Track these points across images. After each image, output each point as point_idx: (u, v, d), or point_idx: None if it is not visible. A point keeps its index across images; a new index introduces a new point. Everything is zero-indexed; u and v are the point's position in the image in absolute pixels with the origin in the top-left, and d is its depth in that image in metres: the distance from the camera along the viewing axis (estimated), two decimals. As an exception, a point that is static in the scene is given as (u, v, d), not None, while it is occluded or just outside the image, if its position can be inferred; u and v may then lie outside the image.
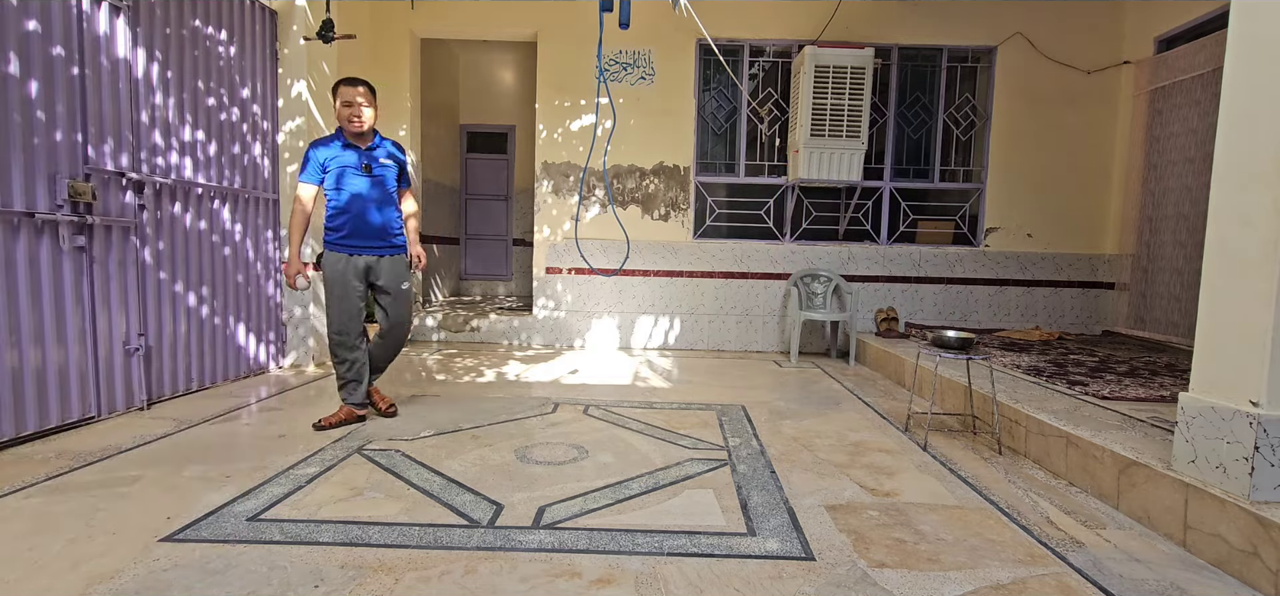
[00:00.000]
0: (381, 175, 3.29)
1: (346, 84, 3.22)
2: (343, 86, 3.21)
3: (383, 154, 3.32)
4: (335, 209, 3.21)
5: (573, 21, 5.95)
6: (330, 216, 3.22)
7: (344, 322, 3.25)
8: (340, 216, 3.21)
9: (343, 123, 3.21)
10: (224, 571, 1.86)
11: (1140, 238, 5.75)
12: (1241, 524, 2.00)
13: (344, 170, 3.19)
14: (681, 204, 6.11)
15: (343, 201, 3.20)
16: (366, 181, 3.23)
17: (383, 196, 3.29)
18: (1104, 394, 3.43)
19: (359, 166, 3.21)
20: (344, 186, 3.20)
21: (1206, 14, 5.07)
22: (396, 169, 3.36)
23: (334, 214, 3.22)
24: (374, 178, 3.26)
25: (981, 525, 2.32)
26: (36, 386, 2.94)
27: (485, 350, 5.77)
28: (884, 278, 6.13)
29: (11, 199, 2.82)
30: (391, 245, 3.34)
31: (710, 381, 4.69)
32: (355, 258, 3.23)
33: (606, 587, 1.83)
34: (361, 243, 3.24)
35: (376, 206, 3.26)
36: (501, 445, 3.07)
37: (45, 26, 2.96)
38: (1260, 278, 2.04)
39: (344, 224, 3.21)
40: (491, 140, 8.58)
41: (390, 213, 3.33)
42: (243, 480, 2.55)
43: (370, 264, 3.28)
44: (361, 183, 3.22)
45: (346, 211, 3.20)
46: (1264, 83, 2.07)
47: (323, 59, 4.86)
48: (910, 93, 6.13)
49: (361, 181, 3.22)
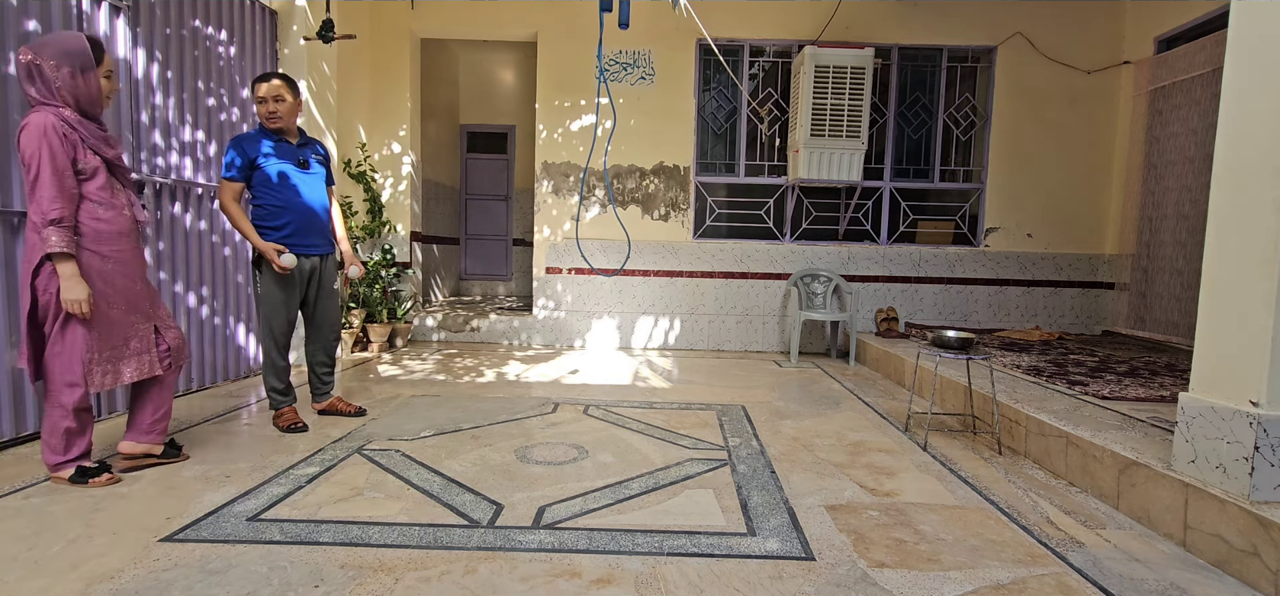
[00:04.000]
0: (318, 173, 3.27)
1: (262, 80, 3.08)
2: (258, 83, 3.09)
3: (314, 153, 3.29)
4: (275, 207, 3.10)
5: (573, 21, 5.95)
6: (269, 216, 3.11)
7: (283, 324, 3.20)
8: (283, 214, 3.11)
9: (264, 120, 3.10)
10: (224, 571, 1.86)
11: (1140, 238, 5.75)
12: (1241, 524, 2.00)
13: (283, 169, 3.11)
14: (681, 204, 6.11)
15: (284, 200, 3.11)
16: (307, 179, 3.19)
17: (322, 195, 3.28)
18: (1104, 394, 3.43)
19: (297, 164, 3.16)
20: (285, 185, 3.12)
21: (1206, 14, 5.07)
22: (326, 170, 3.35)
23: (274, 212, 3.11)
24: (312, 174, 3.23)
25: (981, 525, 2.32)
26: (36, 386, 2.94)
27: (485, 350, 5.77)
28: (884, 278, 6.13)
29: (11, 199, 2.82)
30: (330, 244, 3.35)
31: (710, 381, 4.69)
32: (301, 259, 3.18)
33: (606, 587, 1.83)
34: (307, 242, 3.19)
35: (318, 205, 3.24)
36: (501, 445, 3.07)
37: (45, 26, 2.96)
38: (1260, 278, 2.04)
39: (288, 223, 3.12)
40: (491, 140, 8.58)
41: (326, 211, 3.31)
42: (243, 480, 2.55)
43: (314, 264, 3.26)
44: (302, 180, 3.17)
45: (290, 210, 3.12)
46: (1264, 83, 2.07)
47: (323, 59, 4.86)
48: (910, 93, 6.13)
49: (302, 178, 3.17)
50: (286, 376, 3.29)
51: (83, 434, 2.46)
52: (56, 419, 2.39)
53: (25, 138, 2.24)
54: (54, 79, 2.27)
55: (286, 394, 3.29)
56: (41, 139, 2.22)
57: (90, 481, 2.43)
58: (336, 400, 3.49)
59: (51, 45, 2.29)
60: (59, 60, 2.27)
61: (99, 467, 2.48)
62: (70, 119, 2.30)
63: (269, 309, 3.17)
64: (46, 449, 2.43)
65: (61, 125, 2.27)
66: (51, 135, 2.23)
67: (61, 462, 2.43)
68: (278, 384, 3.26)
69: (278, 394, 3.27)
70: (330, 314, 3.40)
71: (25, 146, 2.24)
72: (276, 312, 3.18)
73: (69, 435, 2.42)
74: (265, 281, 3.15)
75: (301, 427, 3.20)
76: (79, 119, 2.34)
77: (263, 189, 3.11)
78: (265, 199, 3.11)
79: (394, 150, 6.13)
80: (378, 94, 6.05)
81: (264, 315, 3.19)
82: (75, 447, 2.44)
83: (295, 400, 3.35)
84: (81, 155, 2.32)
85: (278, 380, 3.26)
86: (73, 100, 2.32)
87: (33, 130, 2.23)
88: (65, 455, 2.42)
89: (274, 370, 3.25)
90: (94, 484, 2.43)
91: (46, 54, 2.27)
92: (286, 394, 3.29)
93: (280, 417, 3.24)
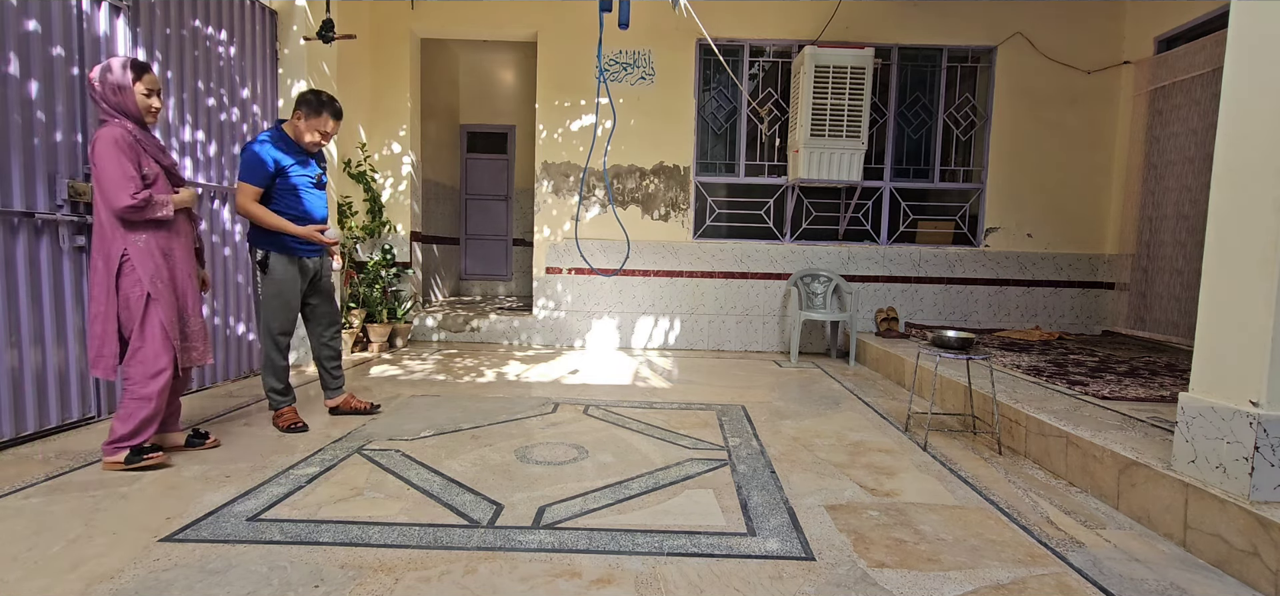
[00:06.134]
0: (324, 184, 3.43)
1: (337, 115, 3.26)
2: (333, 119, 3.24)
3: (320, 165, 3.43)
4: (294, 216, 3.19)
5: (573, 21, 5.95)
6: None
7: (286, 325, 3.25)
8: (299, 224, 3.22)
9: (310, 145, 3.23)
10: (224, 571, 1.86)
11: (1140, 238, 5.75)
12: (1241, 524, 2.00)
13: (302, 183, 3.23)
14: (681, 204, 6.11)
15: (301, 211, 3.21)
16: (318, 195, 3.34)
17: (325, 206, 3.40)
18: (1104, 394, 3.43)
19: (315, 182, 3.31)
20: (302, 198, 3.22)
21: (1206, 14, 5.07)
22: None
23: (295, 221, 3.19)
24: (323, 186, 3.39)
25: (981, 525, 2.32)
26: (36, 386, 2.94)
27: (485, 350, 5.77)
28: (884, 278, 6.13)
29: (11, 199, 2.82)
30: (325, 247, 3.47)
31: (710, 381, 4.69)
32: (304, 260, 3.27)
33: (606, 587, 1.83)
34: (311, 246, 3.29)
35: (323, 216, 3.38)
36: (501, 445, 3.07)
37: (45, 26, 2.96)
38: (1260, 278, 2.04)
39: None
40: (491, 140, 8.58)
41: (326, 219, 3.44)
42: (243, 480, 2.56)
43: (315, 266, 3.35)
44: (316, 194, 3.32)
45: (308, 219, 3.25)
46: (1264, 83, 2.07)
47: (323, 59, 4.86)
48: (910, 93, 6.13)
49: (315, 194, 3.32)
50: (286, 376, 3.30)
51: (154, 423, 2.68)
52: (134, 409, 2.62)
53: (98, 149, 2.51)
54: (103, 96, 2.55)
55: (285, 394, 3.30)
56: (111, 146, 2.50)
57: (145, 458, 2.63)
58: (350, 396, 3.53)
59: (102, 66, 2.58)
60: (104, 79, 2.55)
61: (152, 446, 2.69)
62: (133, 130, 2.58)
63: (272, 309, 3.20)
64: (113, 432, 2.61)
65: (127, 135, 2.55)
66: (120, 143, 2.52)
67: (125, 443, 2.60)
68: (277, 384, 3.27)
69: (277, 394, 3.28)
70: (331, 310, 3.48)
71: (99, 155, 2.50)
72: (279, 312, 3.21)
73: (143, 423, 2.63)
74: (269, 281, 3.18)
75: (301, 427, 3.22)
76: (140, 130, 2.62)
77: (286, 196, 3.18)
78: (285, 206, 3.18)
79: (394, 150, 6.13)
80: (378, 94, 6.05)
81: (266, 315, 3.21)
82: (144, 433, 2.65)
83: (295, 400, 3.36)
84: (145, 163, 2.60)
85: (277, 380, 3.27)
86: (122, 113, 2.58)
87: (104, 141, 2.51)
88: (132, 439, 2.62)
89: (274, 370, 3.26)
90: (148, 459, 2.64)
91: (98, 75, 2.56)
92: (285, 394, 3.30)
93: (280, 418, 3.25)
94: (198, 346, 2.82)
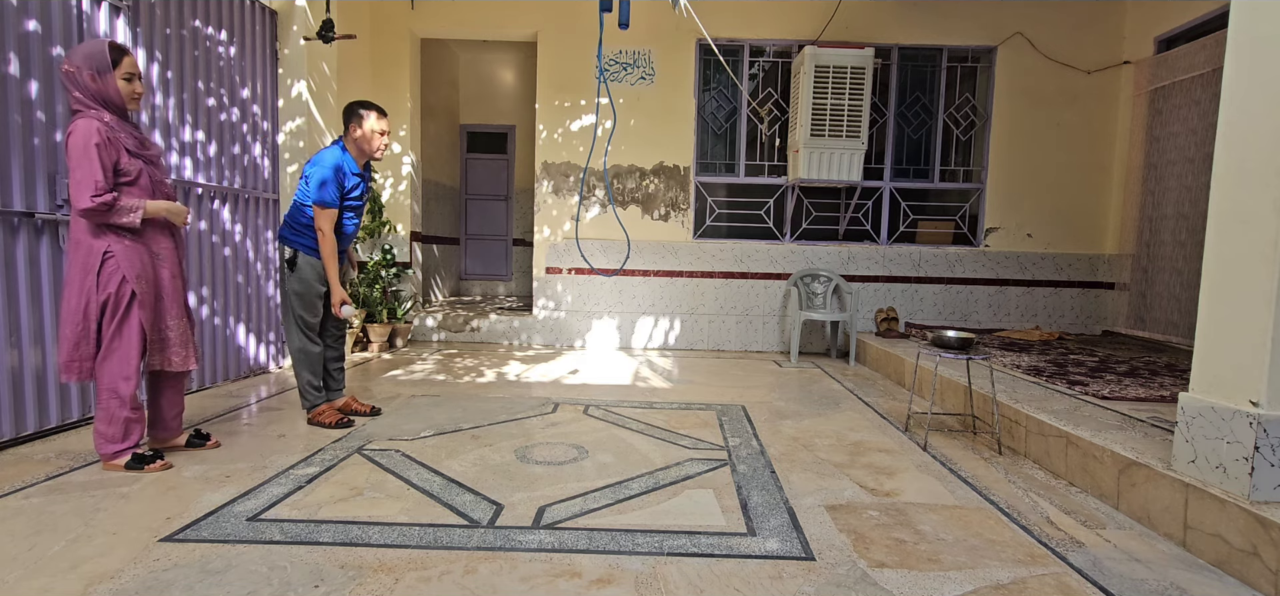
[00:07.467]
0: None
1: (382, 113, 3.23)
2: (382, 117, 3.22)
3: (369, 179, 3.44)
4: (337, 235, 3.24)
5: (573, 21, 5.95)
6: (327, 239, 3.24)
7: (313, 314, 3.26)
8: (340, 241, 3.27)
9: (372, 153, 3.23)
10: (224, 571, 1.86)
11: (1140, 237, 5.75)
12: (1241, 524, 2.00)
13: (350, 203, 3.25)
14: (681, 204, 6.11)
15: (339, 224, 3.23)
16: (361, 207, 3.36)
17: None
18: (1104, 394, 3.43)
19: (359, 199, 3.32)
20: (343, 218, 3.24)
21: (1206, 14, 5.07)
22: None
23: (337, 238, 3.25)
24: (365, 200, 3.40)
25: (981, 525, 2.32)
26: (36, 386, 2.94)
27: (485, 350, 5.77)
28: (884, 278, 6.13)
29: (11, 199, 2.82)
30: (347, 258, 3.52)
31: (710, 381, 4.69)
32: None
33: (606, 587, 1.83)
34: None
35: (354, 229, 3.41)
36: (501, 445, 3.07)
37: (45, 26, 2.96)
38: (1260, 277, 2.04)
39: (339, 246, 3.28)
40: (491, 140, 8.58)
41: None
42: (243, 480, 2.55)
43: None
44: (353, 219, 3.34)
45: (341, 233, 3.26)
46: (1264, 83, 2.07)
47: (323, 59, 4.86)
48: (910, 93, 6.13)
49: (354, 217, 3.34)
50: (321, 367, 3.30)
51: (139, 423, 2.63)
52: (114, 410, 2.54)
53: (71, 141, 2.37)
54: (80, 83, 2.40)
55: (322, 389, 3.31)
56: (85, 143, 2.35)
57: (146, 467, 2.58)
58: (351, 399, 3.53)
59: (76, 51, 2.43)
60: (81, 64, 2.40)
61: (154, 454, 2.64)
62: (111, 122, 2.44)
63: (299, 302, 3.21)
64: (102, 440, 2.57)
65: (104, 129, 2.40)
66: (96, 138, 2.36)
67: (119, 451, 2.58)
68: (314, 379, 3.28)
69: (315, 390, 3.28)
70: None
71: (71, 149, 2.37)
72: (310, 305, 3.23)
73: (128, 424, 2.58)
74: (296, 279, 3.19)
75: (348, 422, 3.26)
76: (119, 121, 2.48)
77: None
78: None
79: (394, 150, 6.13)
80: (378, 94, 6.03)
81: (294, 308, 3.22)
82: (133, 435, 2.61)
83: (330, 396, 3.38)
84: (124, 159, 2.47)
85: (313, 374, 3.27)
86: (101, 102, 2.44)
87: (77, 135, 2.36)
88: (123, 443, 2.58)
89: (309, 360, 3.26)
90: (150, 469, 2.58)
91: (73, 60, 2.41)
92: (322, 389, 3.31)
93: (320, 415, 3.25)
94: (179, 351, 2.70)
